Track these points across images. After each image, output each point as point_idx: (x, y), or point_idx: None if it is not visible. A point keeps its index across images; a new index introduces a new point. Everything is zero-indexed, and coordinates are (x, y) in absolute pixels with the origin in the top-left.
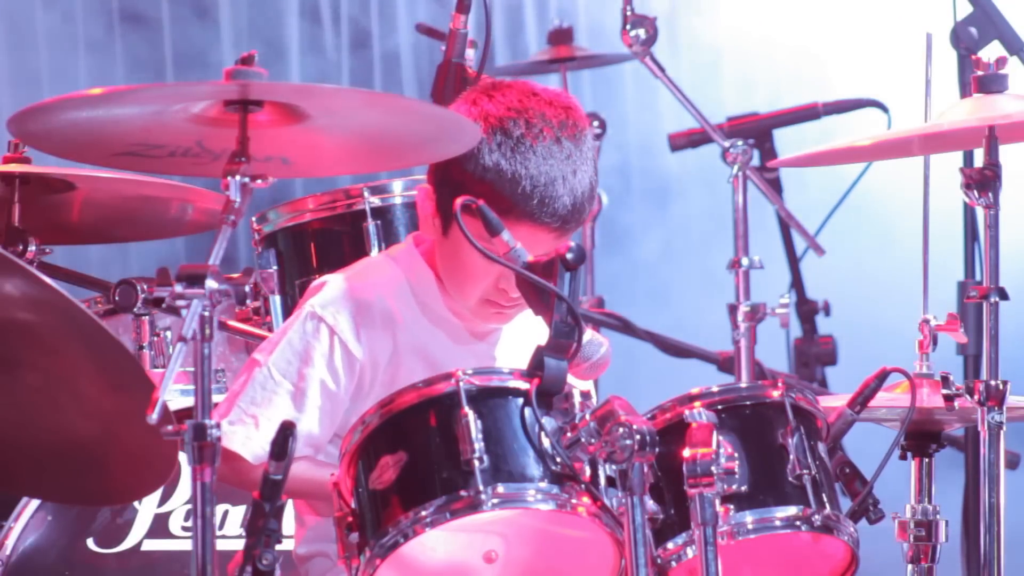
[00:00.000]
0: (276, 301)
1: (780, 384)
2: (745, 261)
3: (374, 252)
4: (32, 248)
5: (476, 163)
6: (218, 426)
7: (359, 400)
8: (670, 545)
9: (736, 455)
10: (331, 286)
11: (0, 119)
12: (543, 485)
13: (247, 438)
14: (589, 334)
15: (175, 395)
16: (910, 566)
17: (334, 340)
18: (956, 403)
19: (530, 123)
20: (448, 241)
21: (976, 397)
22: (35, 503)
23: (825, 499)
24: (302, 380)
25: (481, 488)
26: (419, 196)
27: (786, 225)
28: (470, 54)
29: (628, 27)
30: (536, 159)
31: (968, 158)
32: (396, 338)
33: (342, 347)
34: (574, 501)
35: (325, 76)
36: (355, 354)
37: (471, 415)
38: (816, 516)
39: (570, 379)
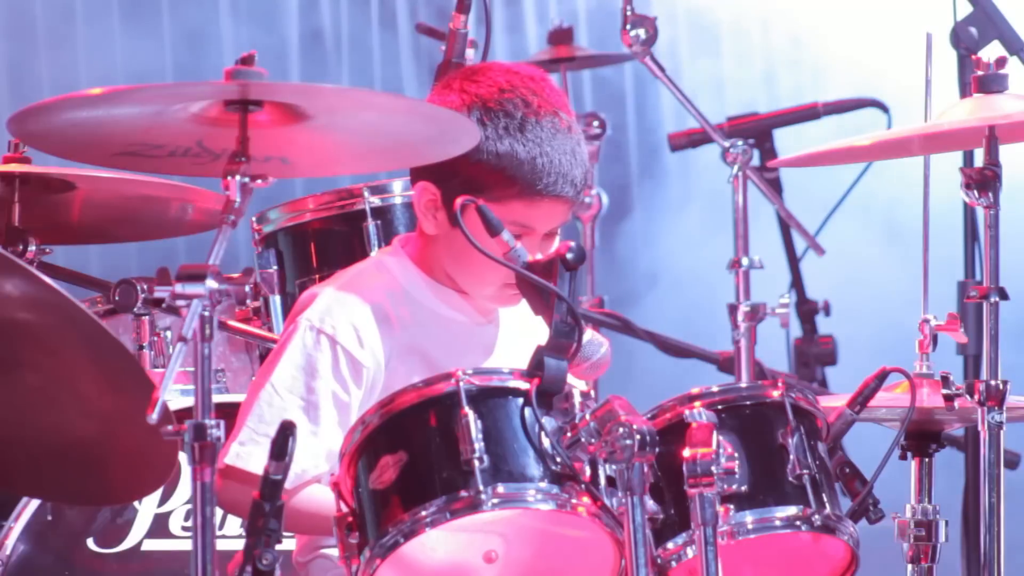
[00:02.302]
0: (276, 301)
1: (780, 384)
2: (745, 261)
3: (374, 252)
4: (32, 248)
5: (486, 152)
6: (218, 425)
7: (359, 405)
8: (670, 545)
9: (736, 455)
10: (323, 297)
11: (0, 119)
12: (543, 485)
13: (263, 459)
14: (589, 334)
15: (175, 395)
16: (910, 566)
17: (337, 349)
18: (956, 403)
19: (526, 101)
20: (458, 235)
21: (976, 397)
22: (35, 503)
23: (825, 499)
24: (311, 393)
25: (481, 488)
26: (417, 192)
27: (786, 225)
28: (470, 54)
29: (628, 27)
30: (545, 135)
31: (968, 158)
32: (393, 341)
33: (346, 356)
34: (574, 501)
35: (325, 76)
36: (360, 361)
37: (471, 415)
38: (816, 516)
39: (570, 379)
